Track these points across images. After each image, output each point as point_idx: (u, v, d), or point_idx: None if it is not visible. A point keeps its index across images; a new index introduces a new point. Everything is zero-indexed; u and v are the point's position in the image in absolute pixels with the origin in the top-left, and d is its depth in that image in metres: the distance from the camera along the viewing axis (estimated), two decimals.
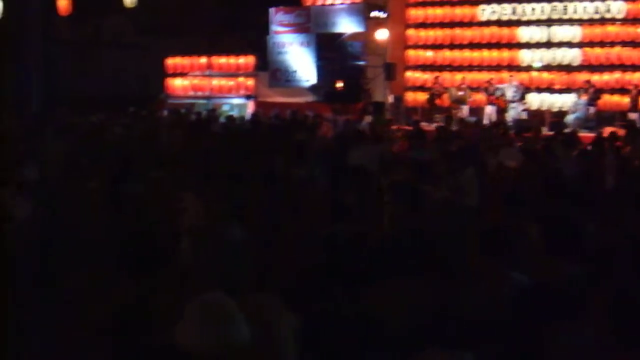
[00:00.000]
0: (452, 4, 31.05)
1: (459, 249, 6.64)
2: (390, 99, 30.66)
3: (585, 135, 21.56)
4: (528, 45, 29.46)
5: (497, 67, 29.78)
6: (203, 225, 7.74)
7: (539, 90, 28.87)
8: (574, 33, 28.58)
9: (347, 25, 31.99)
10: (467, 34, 30.63)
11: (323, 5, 32.71)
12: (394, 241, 6.79)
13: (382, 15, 31.54)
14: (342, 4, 32.15)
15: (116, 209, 9.13)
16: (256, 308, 5.17)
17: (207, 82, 35.04)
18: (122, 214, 8.88)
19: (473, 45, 30.56)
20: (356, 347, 5.19)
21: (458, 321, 5.04)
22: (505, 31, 29.94)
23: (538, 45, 29.25)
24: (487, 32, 30.20)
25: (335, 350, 5.18)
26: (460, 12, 30.84)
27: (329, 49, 32.75)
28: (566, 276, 5.60)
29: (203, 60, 35.37)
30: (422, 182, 9.89)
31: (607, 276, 5.92)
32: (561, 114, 27.63)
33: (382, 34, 31.18)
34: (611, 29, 28.26)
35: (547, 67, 29.04)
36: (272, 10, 33.77)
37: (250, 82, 34.02)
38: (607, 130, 20.38)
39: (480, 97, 28.96)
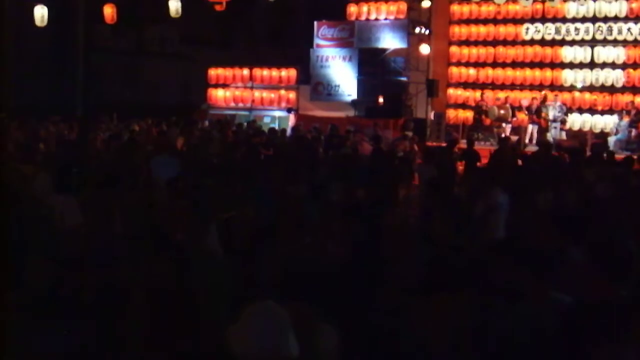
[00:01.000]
0: (496, 22, 30.98)
1: (502, 266, 6.65)
2: (432, 115, 30.62)
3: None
4: (571, 66, 29.30)
5: (540, 87, 29.65)
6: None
7: (581, 111, 28.71)
8: (617, 54, 28.40)
9: (390, 41, 32.05)
10: (511, 52, 30.56)
11: (367, 20, 32.75)
12: (437, 257, 6.82)
13: (425, 31, 31.55)
14: (385, 19, 32.21)
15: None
16: (296, 320, 5.18)
17: (249, 93, 35.21)
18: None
19: (516, 64, 30.46)
20: None
21: (499, 339, 5.06)
22: (548, 51, 29.84)
23: (581, 65, 29.09)
24: (530, 51, 30.13)
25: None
26: (504, 30, 30.77)
27: (372, 64, 32.84)
28: (611, 297, 5.59)
29: (245, 71, 35.52)
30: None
31: None
32: (603, 135, 27.47)
33: (425, 51, 31.17)
34: None
35: (590, 88, 28.86)
36: (316, 23, 33.90)
37: (292, 95, 34.14)
38: None
39: (522, 116, 28.88)
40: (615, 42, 28.52)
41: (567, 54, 29.37)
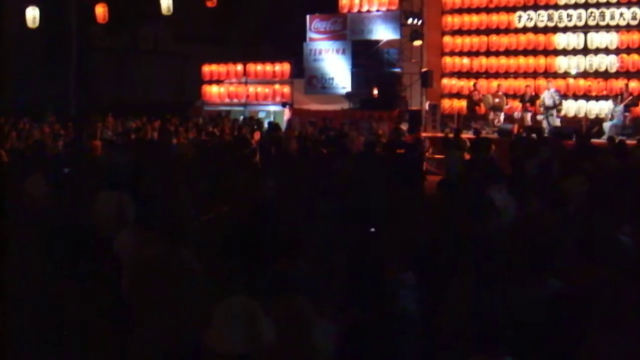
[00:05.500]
0: (488, 11, 30.92)
1: (501, 253, 6.68)
2: (427, 106, 30.56)
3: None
4: (564, 52, 29.24)
5: (534, 74, 29.65)
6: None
7: (576, 97, 28.68)
8: (610, 39, 28.34)
9: (383, 33, 32.00)
10: (504, 40, 30.50)
11: (359, 12, 32.69)
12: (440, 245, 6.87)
13: (417, 22, 31.50)
14: (377, 11, 32.15)
15: None
16: (288, 311, 5.23)
17: (243, 89, 35.17)
18: None
19: (509, 52, 30.41)
20: (397, 352, 5.23)
21: (497, 324, 5.07)
22: (541, 38, 29.77)
23: (575, 51, 29.03)
24: (524, 39, 30.07)
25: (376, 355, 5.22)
26: (497, 18, 30.70)
27: (365, 56, 32.79)
28: (600, 282, 5.60)
29: (239, 67, 35.48)
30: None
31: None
32: (598, 121, 27.48)
33: (418, 41, 31.11)
34: None
35: (584, 74, 28.82)
36: (308, 17, 33.87)
37: (286, 89, 34.09)
38: None
39: (516, 104, 28.89)
40: (608, 28, 28.44)
41: (561, 40, 29.31)
